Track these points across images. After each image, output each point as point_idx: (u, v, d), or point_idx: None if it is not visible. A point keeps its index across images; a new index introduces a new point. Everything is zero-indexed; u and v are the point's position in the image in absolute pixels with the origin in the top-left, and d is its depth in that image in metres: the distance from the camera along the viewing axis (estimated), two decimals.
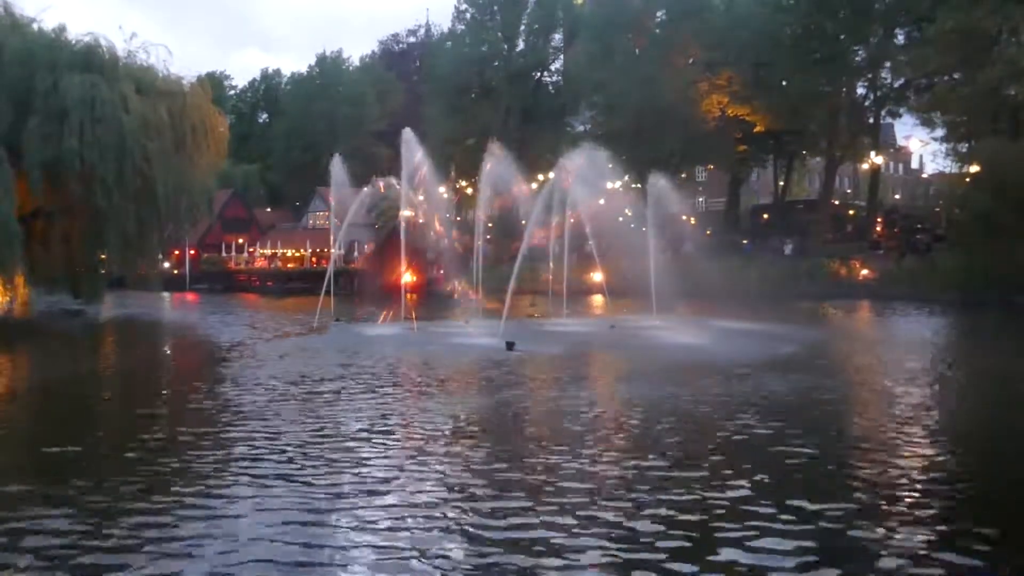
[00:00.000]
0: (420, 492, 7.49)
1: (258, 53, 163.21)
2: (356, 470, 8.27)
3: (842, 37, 47.01)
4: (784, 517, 6.65)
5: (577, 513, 6.75)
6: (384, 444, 9.42)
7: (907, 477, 7.99)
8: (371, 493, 7.47)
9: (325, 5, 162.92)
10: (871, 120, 51.17)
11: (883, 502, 7.17)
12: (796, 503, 7.01)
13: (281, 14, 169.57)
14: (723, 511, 6.85)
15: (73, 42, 27.80)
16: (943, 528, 6.56)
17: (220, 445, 9.53)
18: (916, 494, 7.43)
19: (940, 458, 8.97)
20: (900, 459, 8.66)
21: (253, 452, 9.05)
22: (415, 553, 5.98)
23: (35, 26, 28.04)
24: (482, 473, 8.12)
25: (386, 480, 7.93)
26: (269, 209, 79.55)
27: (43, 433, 10.82)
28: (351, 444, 9.42)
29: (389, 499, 7.30)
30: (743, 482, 7.68)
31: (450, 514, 6.85)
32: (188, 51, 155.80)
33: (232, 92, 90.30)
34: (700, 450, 9.05)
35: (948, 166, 50.66)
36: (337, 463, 8.53)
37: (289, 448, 9.17)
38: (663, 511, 6.82)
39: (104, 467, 8.47)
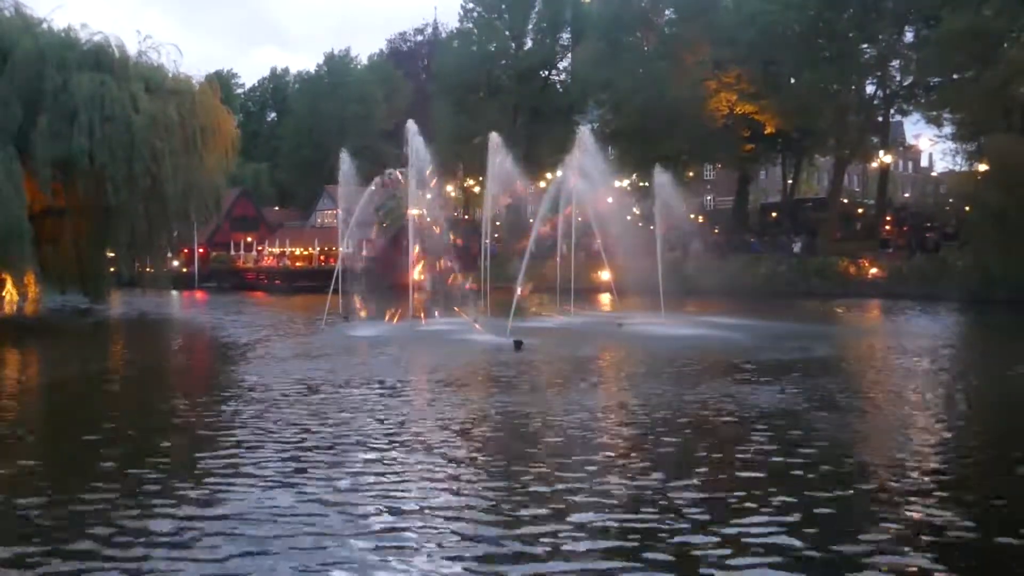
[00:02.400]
0: (419, 508, 7.13)
1: (275, 51, 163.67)
2: (355, 477, 8.05)
3: (851, 35, 46.78)
4: (801, 550, 6.12)
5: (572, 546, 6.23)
6: (385, 451, 9.14)
7: (940, 504, 7.30)
8: (366, 505, 7.19)
9: (342, 3, 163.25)
10: (880, 118, 50.90)
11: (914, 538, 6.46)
12: (813, 533, 6.42)
13: (298, 12, 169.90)
14: (737, 547, 6.22)
15: (83, 41, 27.87)
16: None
17: (219, 450, 9.39)
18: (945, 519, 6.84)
19: (966, 477, 8.38)
20: (931, 485, 7.95)
21: (252, 460, 8.84)
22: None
23: (45, 26, 28.11)
24: (482, 490, 7.70)
25: (381, 492, 7.58)
26: (277, 208, 79.77)
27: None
28: (352, 450, 9.18)
29: (383, 515, 6.96)
30: (760, 509, 7.05)
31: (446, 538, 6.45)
32: (205, 49, 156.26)
33: (240, 91, 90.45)
34: (719, 468, 8.44)
35: (958, 164, 50.48)
36: (337, 469, 8.36)
37: (285, 456, 8.96)
38: (676, 539, 6.34)
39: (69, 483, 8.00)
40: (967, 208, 37.69)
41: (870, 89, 50.54)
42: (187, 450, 9.38)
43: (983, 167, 37.60)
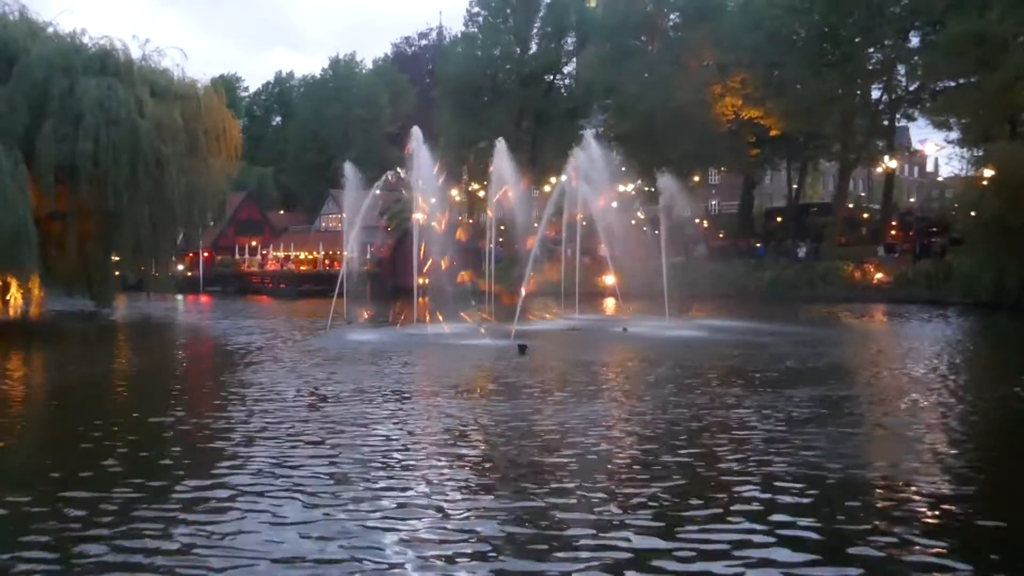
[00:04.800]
0: (410, 537, 6.55)
1: (288, 53, 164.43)
2: (350, 494, 7.59)
3: (856, 39, 46.75)
4: None
5: None
6: (383, 463, 8.72)
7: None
8: (359, 529, 6.70)
9: (354, 6, 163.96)
10: (885, 123, 50.85)
11: None
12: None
13: (311, 14, 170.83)
14: None
15: (89, 46, 27.98)
16: None
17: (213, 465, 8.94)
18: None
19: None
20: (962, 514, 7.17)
21: (248, 465, 8.66)
22: None
23: (51, 30, 28.22)
24: (479, 508, 7.22)
25: (373, 513, 7.09)
26: (282, 211, 79.97)
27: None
28: (348, 462, 8.75)
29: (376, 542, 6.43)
30: (779, 543, 6.32)
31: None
32: (218, 51, 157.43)
33: (245, 95, 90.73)
34: (733, 494, 7.57)
35: (963, 169, 50.40)
36: (331, 485, 7.90)
37: (278, 466, 8.61)
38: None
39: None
40: (972, 213, 37.59)
41: (875, 93, 50.57)
42: (179, 462, 9.03)
43: (988, 172, 37.47)
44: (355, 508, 7.21)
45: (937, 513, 7.17)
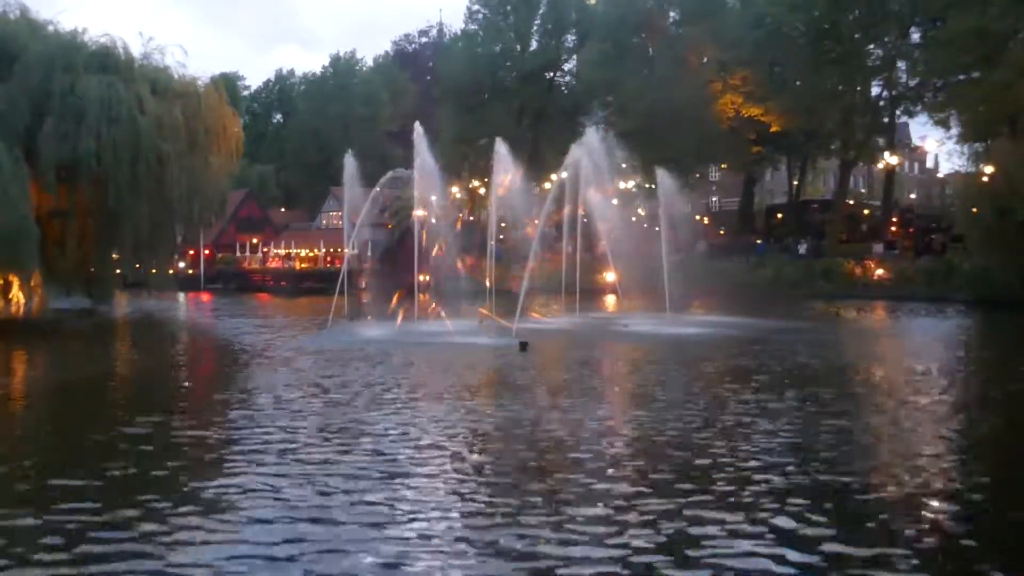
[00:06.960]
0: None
1: (297, 50, 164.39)
2: (345, 500, 7.40)
3: (857, 36, 46.71)
4: None
5: None
6: (377, 473, 8.33)
7: None
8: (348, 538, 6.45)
9: (363, 2, 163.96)
10: (886, 120, 50.79)
11: None
12: None
13: (321, 11, 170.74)
14: None
15: (89, 43, 28.01)
16: None
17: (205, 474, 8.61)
18: None
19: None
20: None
21: (244, 468, 8.59)
22: None
23: (51, 28, 28.25)
24: (479, 511, 7.07)
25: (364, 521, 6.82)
26: (283, 209, 79.97)
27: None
28: (345, 467, 8.51)
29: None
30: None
31: None
32: (226, 49, 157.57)
33: (246, 92, 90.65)
34: (735, 496, 7.28)
35: (964, 166, 50.34)
36: (326, 495, 7.59)
37: (270, 475, 8.26)
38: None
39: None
40: (973, 210, 37.58)
41: (876, 90, 50.48)
42: (167, 472, 8.56)
43: (989, 169, 37.46)
44: (350, 509, 7.17)
45: (949, 525, 6.92)
